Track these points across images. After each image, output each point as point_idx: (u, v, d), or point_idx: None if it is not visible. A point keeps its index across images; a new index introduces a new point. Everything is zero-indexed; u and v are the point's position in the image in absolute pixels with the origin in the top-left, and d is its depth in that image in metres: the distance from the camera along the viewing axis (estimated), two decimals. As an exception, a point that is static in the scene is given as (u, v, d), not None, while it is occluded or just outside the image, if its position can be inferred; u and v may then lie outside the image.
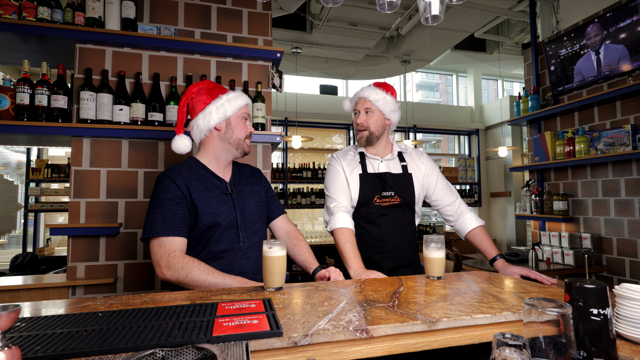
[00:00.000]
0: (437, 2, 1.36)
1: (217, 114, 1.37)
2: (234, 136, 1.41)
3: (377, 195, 1.63)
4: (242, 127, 1.43)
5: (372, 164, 1.70)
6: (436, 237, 1.26)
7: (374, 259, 1.61)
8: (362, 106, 1.67)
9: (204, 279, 1.21)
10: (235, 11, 2.29)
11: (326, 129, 6.63)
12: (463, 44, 5.95)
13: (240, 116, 1.43)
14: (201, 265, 1.23)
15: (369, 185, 1.63)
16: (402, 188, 1.64)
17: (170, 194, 1.28)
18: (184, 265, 1.21)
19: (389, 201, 1.63)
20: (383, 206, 1.63)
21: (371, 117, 1.66)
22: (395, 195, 1.63)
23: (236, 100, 1.41)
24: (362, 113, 1.67)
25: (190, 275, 1.20)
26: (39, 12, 1.88)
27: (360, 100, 1.69)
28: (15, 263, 4.12)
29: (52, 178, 4.67)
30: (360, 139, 1.68)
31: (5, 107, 1.85)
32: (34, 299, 1.85)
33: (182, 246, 1.26)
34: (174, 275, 1.21)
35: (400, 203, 1.64)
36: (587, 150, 3.01)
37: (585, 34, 3.03)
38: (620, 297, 0.78)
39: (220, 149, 1.42)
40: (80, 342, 0.68)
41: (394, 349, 0.80)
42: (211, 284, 1.21)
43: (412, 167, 1.72)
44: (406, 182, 1.66)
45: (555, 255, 3.24)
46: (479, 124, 7.17)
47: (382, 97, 1.66)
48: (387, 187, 1.64)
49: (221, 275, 1.23)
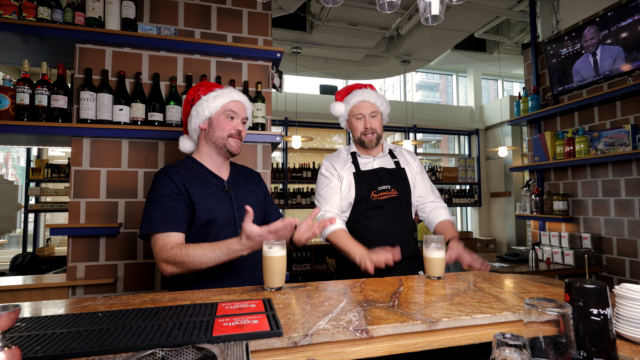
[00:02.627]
0: (437, 2, 1.36)
1: (197, 115, 1.40)
2: (215, 135, 1.40)
3: (374, 191, 1.65)
4: (223, 125, 1.40)
5: (364, 162, 1.73)
6: (436, 237, 1.26)
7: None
8: (368, 110, 1.69)
9: (200, 260, 1.18)
10: (235, 11, 2.29)
11: (326, 129, 6.63)
12: (463, 44, 5.95)
13: (222, 114, 1.40)
14: (189, 249, 1.19)
15: (364, 182, 1.66)
16: (398, 181, 1.68)
17: (168, 190, 1.29)
18: (174, 257, 1.19)
19: (386, 194, 1.65)
20: (381, 200, 1.64)
21: (377, 119, 1.70)
22: (392, 188, 1.66)
23: (217, 99, 1.39)
24: (368, 117, 1.69)
25: (184, 264, 1.18)
26: (39, 12, 1.88)
27: (364, 104, 1.69)
28: (15, 263, 4.12)
29: (52, 178, 4.67)
30: (371, 142, 1.70)
31: (5, 107, 1.85)
32: (34, 299, 1.85)
33: (178, 240, 1.26)
34: (171, 269, 1.21)
35: (398, 196, 1.66)
36: (587, 150, 3.01)
37: (582, 35, 3.03)
38: (620, 297, 0.78)
39: (208, 148, 1.43)
40: (80, 342, 0.68)
41: (394, 349, 0.80)
42: (207, 263, 1.18)
43: (404, 163, 1.77)
44: (401, 177, 1.71)
45: (555, 255, 3.24)
46: (479, 124, 7.16)
47: (383, 100, 1.74)
48: (383, 182, 1.66)
49: (210, 250, 1.19)
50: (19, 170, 6.11)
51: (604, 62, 2.92)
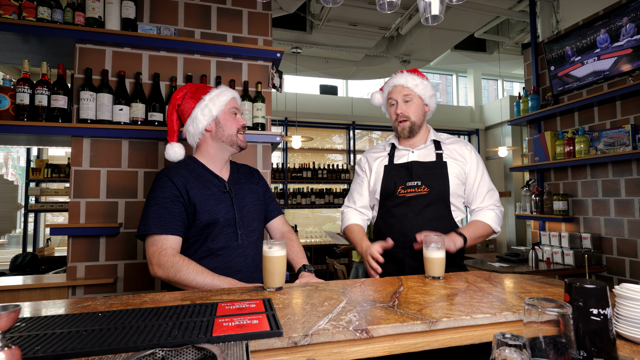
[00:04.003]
0: (437, 2, 1.36)
1: (203, 116, 1.37)
2: (225, 133, 1.40)
3: (402, 186, 1.50)
4: (231, 122, 1.41)
5: (401, 155, 1.58)
6: (436, 237, 1.26)
7: (396, 256, 1.48)
8: (399, 94, 1.53)
9: (193, 278, 1.19)
10: (235, 11, 2.29)
11: (326, 129, 6.63)
12: (463, 44, 5.95)
13: (227, 112, 1.41)
14: (191, 265, 1.21)
15: (392, 176, 1.53)
16: (432, 177, 1.48)
17: (167, 192, 1.28)
18: (173, 264, 1.20)
19: (414, 191, 1.48)
20: (407, 197, 1.49)
21: (411, 105, 1.53)
22: (422, 185, 1.48)
23: (220, 98, 1.39)
24: (400, 102, 1.53)
25: (179, 274, 1.19)
26: (39, 12, 1.88)
27: (396, 88, 1.55)
28: (15, 263, 4.12)
29: (52, 178, 4.67)
30: (403, 130, 1.54)
31: (5, 107, 1.85)
32: (34, 299, 1.85)
33: (175, 245, 1.26)
34: (164, 273, 1.21)
35: (429, 193, 1.47)
36: (587, 150, 3.01)
37: (596, 42, 3.03)
38: (620, 297, 0.78)
39: (215, 148, 1.42)
40: (80, 342, 0.68)
41: (394, 349, 0.80)
42: (200, 284, 1.20)
43: (450, 157, 1.54)
44: (438, 171, 1.49)
45: (555, 255, 3.24)
46: (479, 124, 7.16)
47: (420, 82, 1.54)
48: (414, 177, 1.49)
49: (210, 276, 1.22)
50: (19, 170, 6.11)
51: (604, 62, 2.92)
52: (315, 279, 1.32)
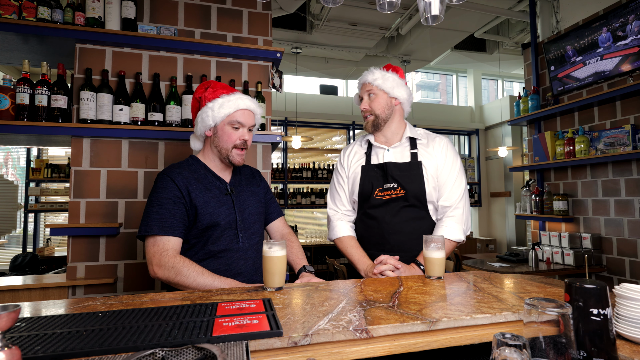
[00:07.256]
0: (437, 2, 1.36)
1: (205, 121, 1.36)
2: (220, 144, 1.38)
3: (379, 188, 1.51)
4: (228, 136, 1.35)
5: (377, 154, 1.58)
6: (436, 237, 1.26)
7: (376, 258, 1.50)
8: (364, 91, 1.57)
9: (193, 279, 1.19)
10: (235, 11, 2.29)
11: (326, 129, 6.63)
12: (463, 44, 5.95)
13: (228, 124, 1.35)
14: (191, 266, 1.21)
15: (369, 178, 1.53)
16: (408, 179, 1.48)
17: (169, 193, 1.28)
18: (174, 265, 1.20)
19: (391, 194, 1.49)
20: (385, 200, 1.50)
21: (374, 99, 1.54)
22: (398, 187, 1.48)
23: (222, 109, 1.34)
24: (365, 98, 1.56)
25: (180, 275, 1.19)
26: (39, 12, 1.88)
27: (362, 86, 1.59)
28: (15, 263, 4.12)
29: (52, 178, 4.67)
30: (366, 125, 1.57)
31: (5, 107, 1.85)
32: (34, 299, 1.85)
33: (175, 246, 1.26)
34: (164, 274, 1.20)
35: (406, 195, 1.48)
36: (587, 150, 3.01)
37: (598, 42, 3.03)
38: (620, 297, 0.78)
39: (214, 153, 1.41)
40: (80, 342, 0.68)
41: (394, 349, 0.80)
42: (200, 285, 1.20)
43: (425, 155, 1.53)
44: (413, 172, 1.49)
45: (555, 255, 3.24)
46: (479, 124, 7.16)
47: (381, 76, 1.53)
48: (389, 179, 1.50)
49: (210, 277, 1.21)
50: (19, 170, 6.11)
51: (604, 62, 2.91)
52: (315, 279, 1.32)
